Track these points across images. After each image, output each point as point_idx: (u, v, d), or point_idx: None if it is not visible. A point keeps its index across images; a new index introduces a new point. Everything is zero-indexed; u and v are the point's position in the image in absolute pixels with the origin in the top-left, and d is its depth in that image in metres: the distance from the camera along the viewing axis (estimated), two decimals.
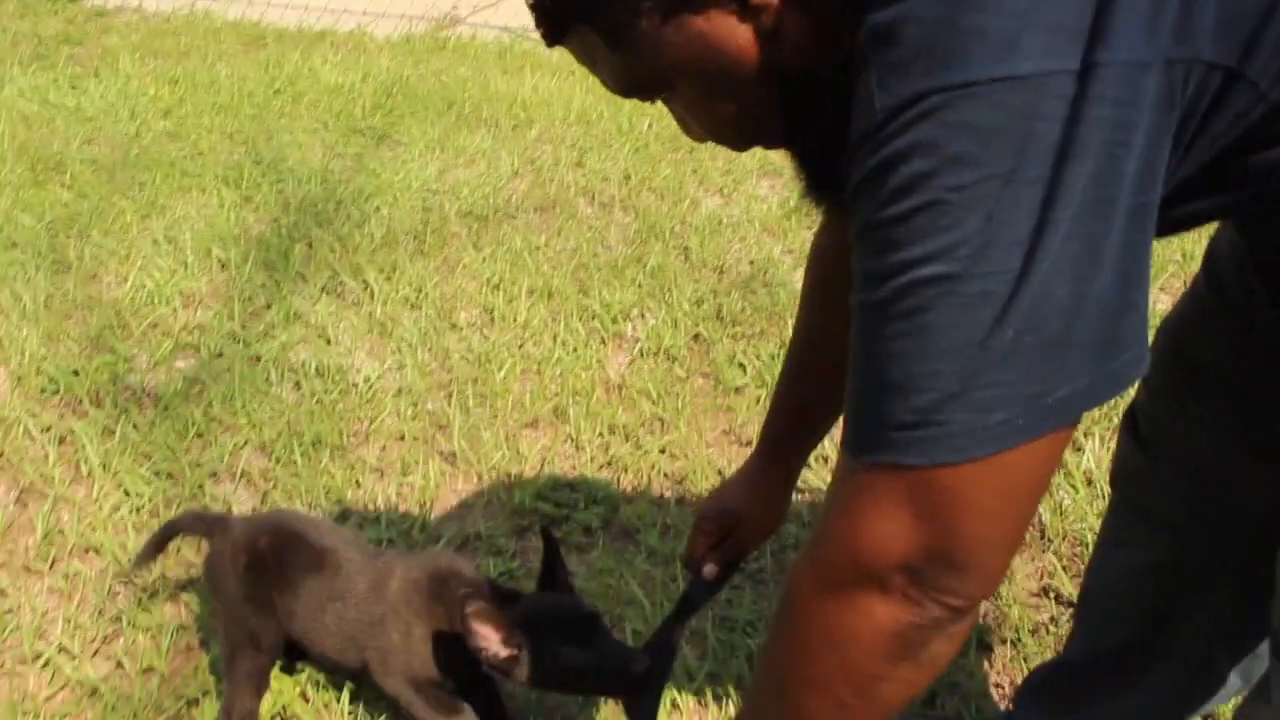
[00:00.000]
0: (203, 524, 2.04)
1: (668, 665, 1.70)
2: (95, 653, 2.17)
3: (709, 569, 1.69)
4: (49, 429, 2.81)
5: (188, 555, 2.39)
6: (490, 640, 1.59)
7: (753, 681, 1.10)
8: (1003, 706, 2.04)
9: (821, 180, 1.07)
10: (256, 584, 1.87)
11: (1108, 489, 1.72)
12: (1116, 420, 2.28)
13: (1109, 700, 1.66)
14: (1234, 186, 0.92)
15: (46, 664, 2.13)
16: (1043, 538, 2.41)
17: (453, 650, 1.74)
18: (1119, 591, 1.62)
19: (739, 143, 1.09)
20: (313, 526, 1.97)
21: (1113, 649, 1.64)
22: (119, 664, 2.13)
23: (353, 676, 1.98)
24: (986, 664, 2.15)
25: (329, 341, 3.20)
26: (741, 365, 3.04)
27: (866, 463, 0.88)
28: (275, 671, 2.02)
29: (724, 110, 1.03)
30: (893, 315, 0.83)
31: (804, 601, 0.98)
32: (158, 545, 2.05)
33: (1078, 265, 0.78)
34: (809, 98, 0.97)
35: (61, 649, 2.16)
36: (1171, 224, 0.96)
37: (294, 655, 2.02)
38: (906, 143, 0.78)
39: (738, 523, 1.68)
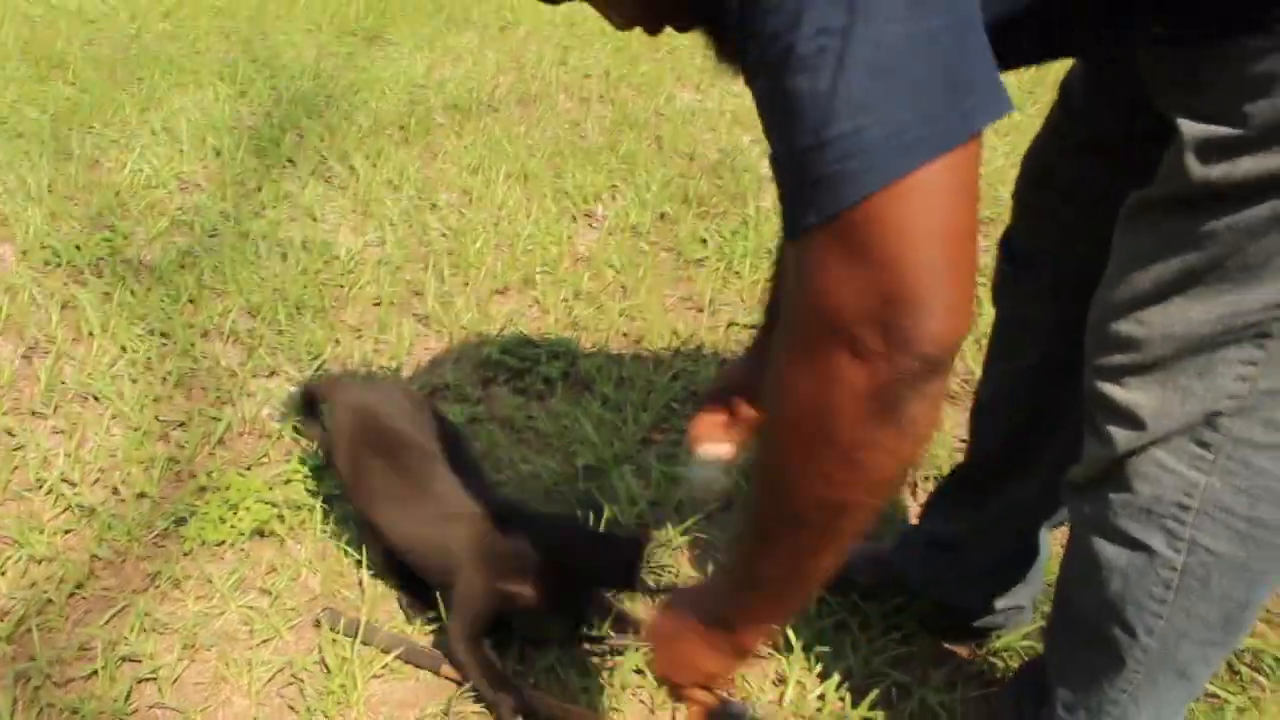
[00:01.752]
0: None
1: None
2: (95, 481, 2.38)
3: (726, 449, 1.72)
4: (53, 296, 3.01)
5: (180, 401, 2.61)
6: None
7: (752, 483, 1.17)
8: None
9: (725, 47, 1.22)
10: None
11: None
12: None
13: (999, 496, 1.84)
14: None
15: (50, 490, 2.34)
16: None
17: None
18: (1003, 396, 1.79)
19: (652, 24, 1.21)
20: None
21: (1000, 448, 1.81)
22: (115, 490, 2.34)
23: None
24: (911, 499, 2.35)
25: (315, 219, 3.40)
26: (704, 240, 3.23)
27: (803, 236, 0.95)
28: (255, 490, 2.24)
29: None
30: (767, 98, 0.94)
31: (784, 383, 1.00)
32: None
33: (904, 10, 0.87)
34: None
35: (63, 478, 2.37)
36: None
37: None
38: None
39: (745, 398, 1.74)
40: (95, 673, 1.93)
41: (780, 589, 1.18)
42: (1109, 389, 1.28)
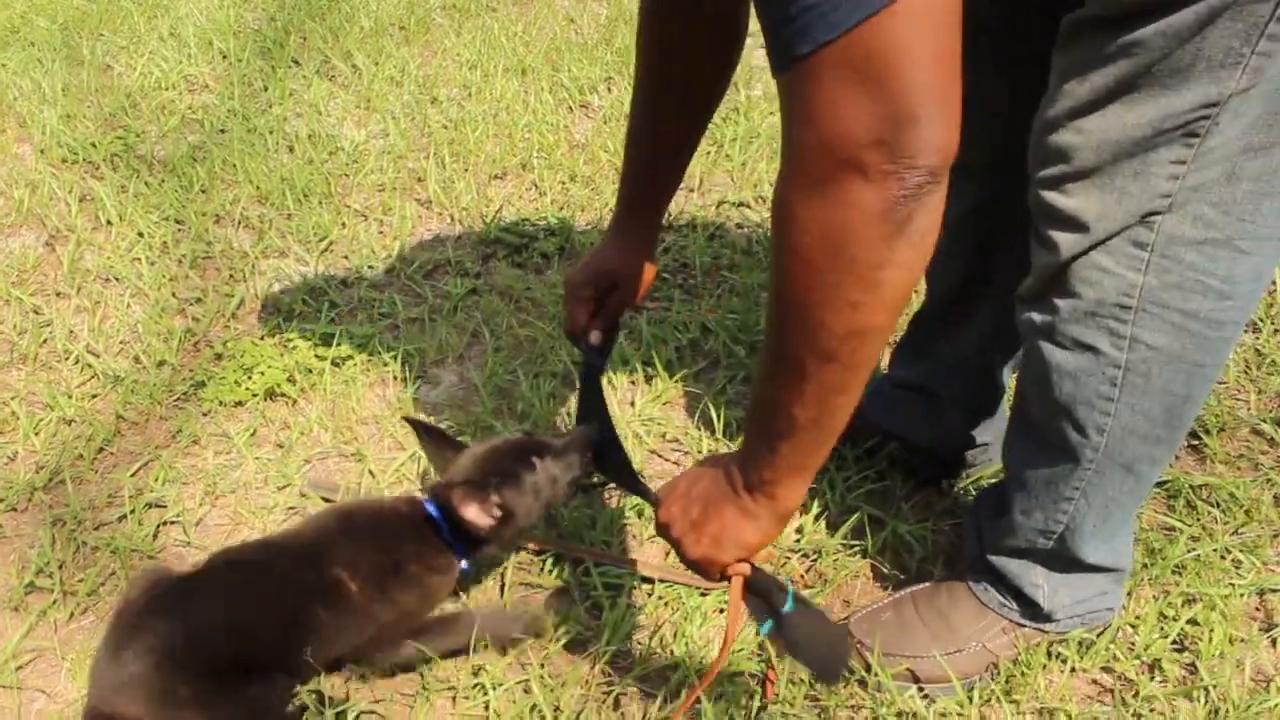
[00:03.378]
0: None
1: (612, 428, 1.80)
2: (118, 352, 2.52)
3: (595, 335, 1.84)
4: (71, 189, 3.14)
5: (195, 280, 2.74)
6: (480, 515, 1.67)
7: (767, 324, 1.19)
8: None
9: None
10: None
11: None
12: None
13: (957, 333, 1.96)
14: None
15: (76, 360, 2.49)
16: None
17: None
18: (950, 238, 1.89)
19: None
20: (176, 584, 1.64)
21: (952, 287, 1.93)
22: (137, 359, 2.48)
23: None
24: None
25: (320, 114, 3.50)
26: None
27: (797, 66, 0.97)
28: (268, 357, 2.38)
29: None
30: None
31: (796, 219, 1.05)
32: None
33: None
34: None
35: (88, 350, 2.51)
36: None
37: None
38: None
39: (613, 284, 1.83)
40: (124, 517, 2.09)
41: (813, 434, 1.22)
42: (1052, 197, 1.39)
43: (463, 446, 1.80)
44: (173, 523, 2.09)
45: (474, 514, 1.66)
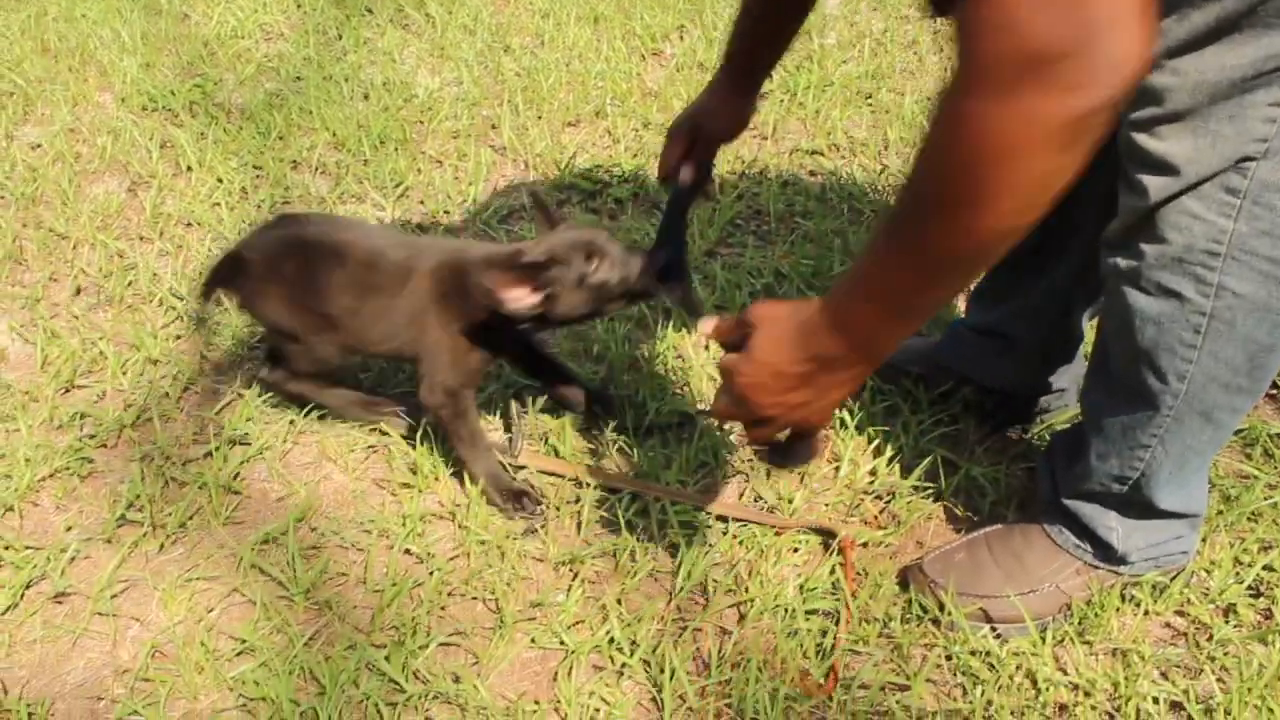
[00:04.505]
0: (227, 270, 2.11)
1: (684, 251, 1.96)
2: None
3: (685, 173, 1.95)
4: (152, 136, 3.19)
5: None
6: (519, 297, 1.75)
7: (901, 217, 1.14)
8: None
9: None
10: (294, 305, 2.02)
11: None
12: None
13: (1037, 278, 1.94)
14: None
15: (160, 302, 2.54)
16: None
17: (492, 331, 1.91)
18: None
19: None
20: (327, 226, 2.07)
21: (1029, 237, 1.92)
22: (219, 301, 2.53)
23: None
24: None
25: (394, 61, 3.53)
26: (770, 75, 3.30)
27: None
28: None
29: None
30: None
31: (969, 126, 0.99)
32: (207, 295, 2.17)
33: None
34: None
35: (172, 292, 2.57)
36: None
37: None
38: None
39: (707, 127, 1.94)
40: (210, 453, 2.14)
41: (929, 311, 1.23)
42: (1143, 140, 1.38)
43: (560, 223, 1.92)
44: (257, 459, 2.13)
45: (513, 297, 1.76)
